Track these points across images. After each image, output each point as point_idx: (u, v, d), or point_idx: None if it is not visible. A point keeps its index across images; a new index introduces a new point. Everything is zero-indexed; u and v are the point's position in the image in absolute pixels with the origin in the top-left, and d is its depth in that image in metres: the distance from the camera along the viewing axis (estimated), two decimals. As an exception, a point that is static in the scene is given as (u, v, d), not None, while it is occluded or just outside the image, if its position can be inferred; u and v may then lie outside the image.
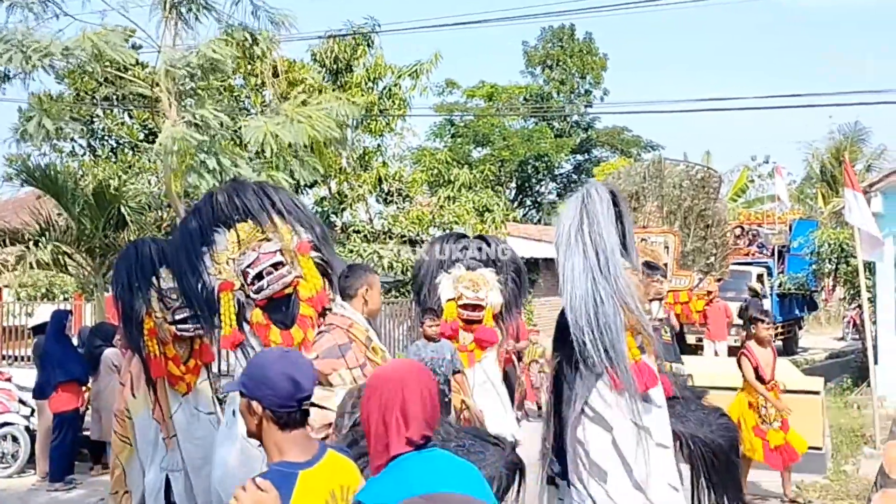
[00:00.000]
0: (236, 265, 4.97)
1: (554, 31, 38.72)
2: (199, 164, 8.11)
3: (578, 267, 3.75)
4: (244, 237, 5.02)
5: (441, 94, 33.78)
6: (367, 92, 14.08)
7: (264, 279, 4.89)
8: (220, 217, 5.07)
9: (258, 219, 5.07)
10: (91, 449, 9.64)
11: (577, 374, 3.89)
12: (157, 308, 5.88)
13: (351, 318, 4.55)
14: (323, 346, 4.43)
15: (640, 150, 37.97)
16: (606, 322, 3.70)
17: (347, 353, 4.40)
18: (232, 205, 5.08)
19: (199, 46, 8.06)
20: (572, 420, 3.89)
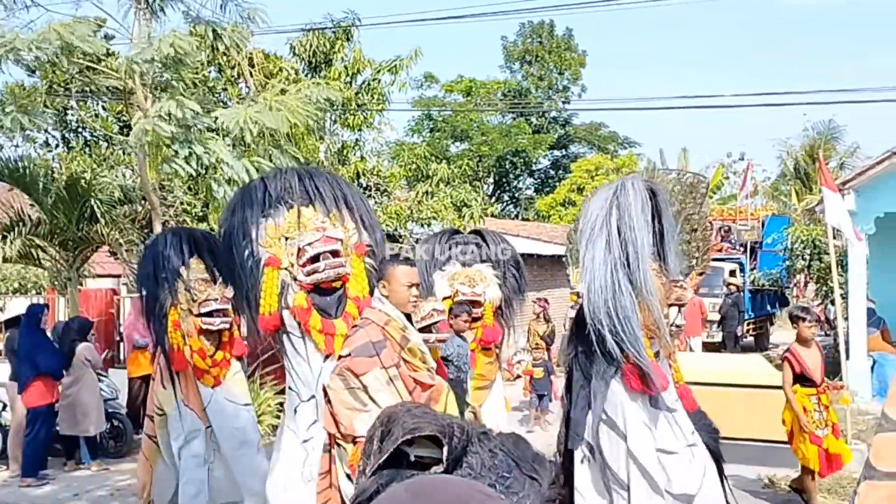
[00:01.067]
0: (291, 243, 4.72)
1: (533, 27, 38.77)
2: (173, 154, 8.01)
3: (599, 257, 3.61)
4: (304, 221, 4.79)
5: (420, 87, 33.76)
6: (345, 86, 14.01)
7: (321, 262, 4.66)
8: (286, 195, 4.84)
9: (326, 204, 4.85)
10: (64, 444, 9.58)
11: (592, 373, 3.73)
12: (183, 300, 5.65)
13: (389, 314, 4.32)
14: (356, 342, 4.21)
15: (617, 146, 38.17)
16: (625, 315, 3.55)
17: (382, 351, 4.18)
18: (302, 186, 4.87)
19: (160, 39, 7.95)
20: (591, 423, 3.72)
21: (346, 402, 4.09)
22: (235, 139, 8.50)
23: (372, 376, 4.09)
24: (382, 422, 2.76)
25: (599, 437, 3.70)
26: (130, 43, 8.86)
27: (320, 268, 4.68)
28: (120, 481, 8.89)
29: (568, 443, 3.81)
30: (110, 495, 8.36)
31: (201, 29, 8.91)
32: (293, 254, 4.72)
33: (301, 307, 4.67)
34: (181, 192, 12.07)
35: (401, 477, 1.95)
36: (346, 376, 4.11)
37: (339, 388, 4.11)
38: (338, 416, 4.09)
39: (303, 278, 4.69)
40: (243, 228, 4.73)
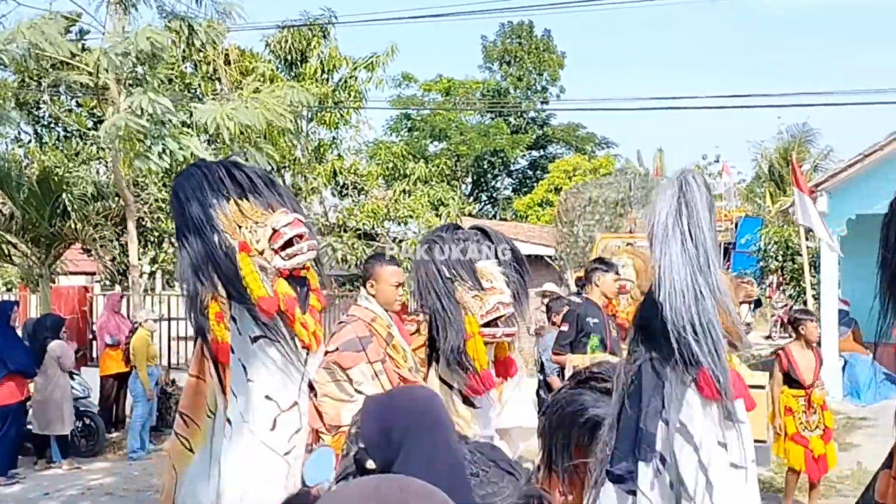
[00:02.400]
0: (249, 232, 4.31)
1: (513, 28, 38.86)
2: (146, 149, 7.94)
3: (678, 259, 3.45)
4: (247, 211, 4.40)
5: (398, 86, 33.71)
6: (321, 83, 13.98)
7: (303, 242, 4.22)
8: (218, 187, 4.38)
9: (265, 197, 4.44)
10: (35, 443, 9.47)
11: (665, 380, 3.54)
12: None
13: (374, 311, 4.43)
14: (343, 337, 4.29)
15: (595, 146, 38.34)
16: (709, 320, 3.39)
17: (368, 346, 4.27)
18: (231, 177, 4.43)
19: (136, 33, 7.88)
20: (664, 434, 3.52)
21: (332, 394, 4.17)
22: (212, 136, 8.45)
23: (358, 370, 4.17)
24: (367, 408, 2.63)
25: (674, 449, 3.50)
26: (103, 39, 8.78)
27: (303, 248, 4.23)
28: (91, 480, 8.81)
29: (639, 457, 3.59)
30: (81, 494, 8.27)
31: (176, 24, 8.84)
32: (260, 240, 4.31)
33: (289, 296, 4.23)
34: (156, 189, 11.98)
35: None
36: (333, 370, 4.19)
37: (325, 380, 4.18)
38: (322, 406, 4.13)
39: (281, 263, 4.22)
40: (206, 213, 4.28)
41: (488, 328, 5.00)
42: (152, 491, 8.35)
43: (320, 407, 4.16)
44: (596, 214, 8.89)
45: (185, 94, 12.11)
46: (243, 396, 4.38)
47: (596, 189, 9.18)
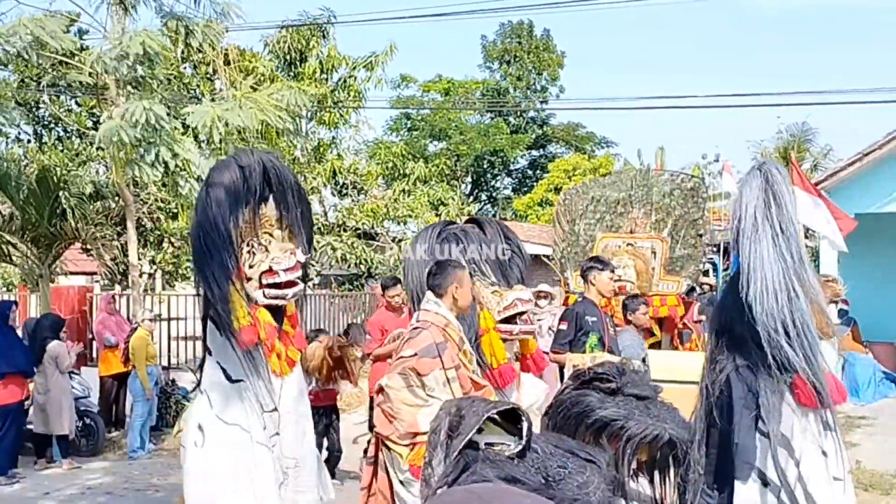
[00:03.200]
0: (257, 252, 4.28)
1: (513, 27, 38.85)
2: (139, 156, 7.93)
3: (770, 256, 3.17)
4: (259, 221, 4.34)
5: (397, 87, 33.72)
6: (320, 83, 13.98)
7: (288, 290, 4.31)
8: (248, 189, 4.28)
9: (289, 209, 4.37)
10: (35, 442, 9.48)
11: (759, 389, 3.23)
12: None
13: (447, 317, 4.36)
14: (421, 343, 4.19)
15: (595, 146, 38.33)
16: (804, 321, 3.13)
17: (444, 352, 4.18)
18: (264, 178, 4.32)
19: (130, 37, 7.87)
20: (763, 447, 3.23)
21: (407, 399, 4.10)
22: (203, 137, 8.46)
23: (433, 377, 4.11)
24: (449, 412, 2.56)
25: (777, 462, 3.19)
26: (103, 38, 8.79)
27: (286, 295, 4.29)
28: (91, 480, 8.81)
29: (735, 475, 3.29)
30: (81, 494, 8.28)
31: (174, 25, 8.84)
32: (254, 266, 4.27)
33: (271, 325, 4.28)
34: (155, 189, 11.99)
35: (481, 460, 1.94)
36: (409, 375, 4.13)
37: (400, 385, 4.12)
38: (398, 413, 4.05)
39: (260, 299, 4.26)
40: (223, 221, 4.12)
41: (506, 324, 4.97)
42: (152, 490, 8.36)
43: (396, 413, 4.06)
44: (597, 213, 8.83)
45: (185, 94, 12.12)
46: (227, 399, 4.26)
47: (598, 188, 9.13)
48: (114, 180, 10.59)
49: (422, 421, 3.88)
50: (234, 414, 4.26)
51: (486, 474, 1.86)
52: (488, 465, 1.88)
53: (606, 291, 6.74)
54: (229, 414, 4.26)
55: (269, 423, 4.31)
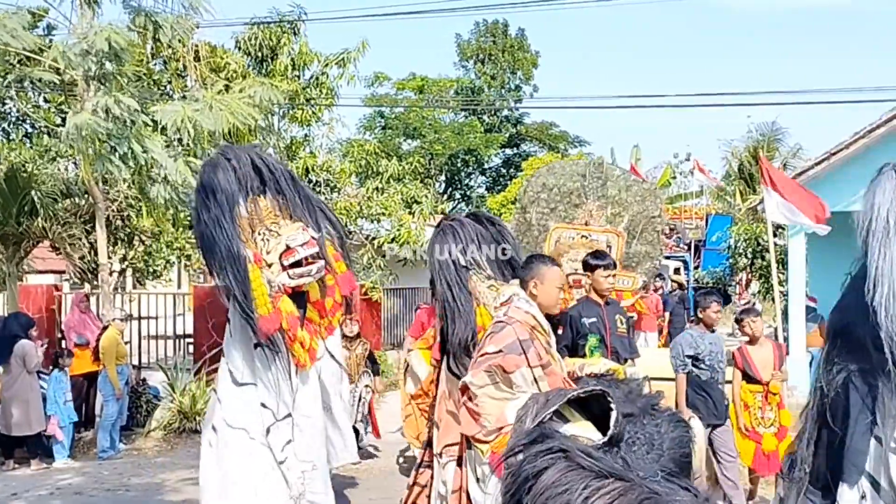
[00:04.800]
0: (264, 238, 4.22)
1: (487, 26, 38.97)
2: (109, 151, 7.84)
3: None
4: (263, 211, 4.30)
5: (371, 85, 33.65)
6: (292, 80, 13.91)
7: (313, 265, 4.21)
8: (244, 182, 4.29)
9: (287, 197, 4.32)
10: (2, 443, 9.35)
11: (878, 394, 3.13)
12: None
13: (535, 315, 4.22)
14: (505, 339, 4.05)
15: (568, 145, 38.55)
16: None
17: (529, 350, 4.04)
18: (256, 172, 4.33)
19: (95, 32, 7.77)
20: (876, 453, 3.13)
21: (494, 394, 3.99)
22: (172, 137, 8.38)
23: (519, 374, 3.97)
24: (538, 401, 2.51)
25: (890, 469, 3.09)
26: (69, 34, 8.68)
27: (311, 271, 4.22)
28: (61, 480, 8.71)
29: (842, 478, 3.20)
30: (50, 494, 8.17)
31: (141, 20, 8.74)
32: (270, 252, 4.22)
33: (293, 315, 4.21)
34: (125, 186, 11.85)
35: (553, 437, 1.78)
36: (494, 372, 4.00)
37: (485, 382, 3.98)
38: (484, 408, 3.94)
39: (287, 281, 4.20)
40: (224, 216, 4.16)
41: None
42: (123, 490, 8.28)
43: (481, 409, 3.94)
44: (551, 203, 8.73)
45: (155, 90, 12.00)
46: (233, 402, 4.22)
47: (551, 176, 9.01)
48: (83, 178, 10.46)
49: (510, 415, 3.73)
50: (240, 418, 4.19)
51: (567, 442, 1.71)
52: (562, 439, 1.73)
53: (604, 289, 6.31)
54: (236, 418, 4.20)
55: (283, 430, 4.18)
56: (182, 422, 10.82)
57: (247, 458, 4.21)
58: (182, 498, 7.94)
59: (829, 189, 12.84)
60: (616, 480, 1.54)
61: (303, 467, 4.19)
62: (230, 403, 4.25)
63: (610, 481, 1.53)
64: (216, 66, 12.54)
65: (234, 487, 4.19)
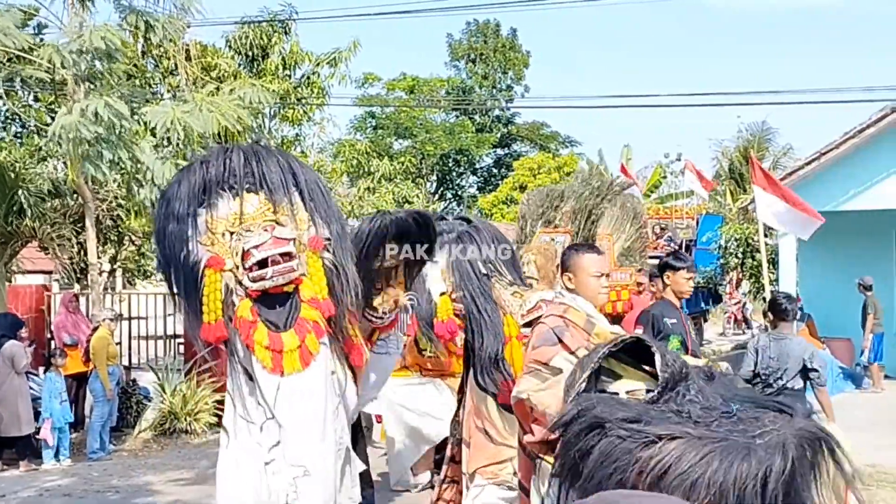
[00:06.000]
0: (235, 240, 4.05)
1: (479, 26, 39.00)
2: (96, 154, 7.78)
3: None
4: (251, 211, 4.10)
5: (361, 86, 33.65)
6: (283, 80, 13.89)
7: (269, 268, 3.97)
8: (230, 178, 4.09)
9: (275, 194, 4.11)
10: (-9, 444, 9.31)
11: None
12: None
13: (567, 302, 4.00)
14: (539, 336, 3.90)
15: (559, 145, 38.63)
16: None
17: (564, 335, 3.81)
18: (248, 168, 4.12)
19: (90, 31, 7.73)
20: None
21: (541, 385, 3.77)
22: (162, 139, 8.33)
23: (559, 359, 3.75)
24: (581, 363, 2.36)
25: None
26: (60, 33, 8.64)
27: (267, 274, 3.98)
28: (49, 482, 8.67)
29: None
30: (39, 496, 8.13)
31: (133, 20, 8.71)
32: (238, 254, 4.04)
33: (245, 319, 4.00)
34: (115, 186, 11.81)
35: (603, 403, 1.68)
36: (535, 369, 3.82)
37: (533, 384, 3.77)
38: (542, 403, 3.66)
39: (248, 284, 4.01)
40: (178, 221, 4.03)
41: (529, 328, 4.50)
42: (112, 492, 8.24)
43: (540, 405, 3.66)
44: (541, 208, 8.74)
45: (146, 90, 11.95)
46: (244, 398, 4.10)
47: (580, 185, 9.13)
48: (72, 178, 10.41)
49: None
50: (255, 414, 4.09)
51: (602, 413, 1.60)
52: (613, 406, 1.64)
53: (683, 291, 6.06)
54: (252, 413, 4.08)
55: (272, 431, 4.00)
56: (172, 422, 10.78)
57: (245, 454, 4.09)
58: (171, 499, 7.91)
59: (819, 189, 12.89)
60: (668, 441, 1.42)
61: (293, 472, 3.95)
62: (246, 399, 4.10)
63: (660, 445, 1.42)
64: (207, 66, 12.51)
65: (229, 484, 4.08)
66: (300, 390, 4.01)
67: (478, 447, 4.35)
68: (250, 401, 4.07)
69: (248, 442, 4.08)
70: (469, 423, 4.48)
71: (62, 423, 9.54)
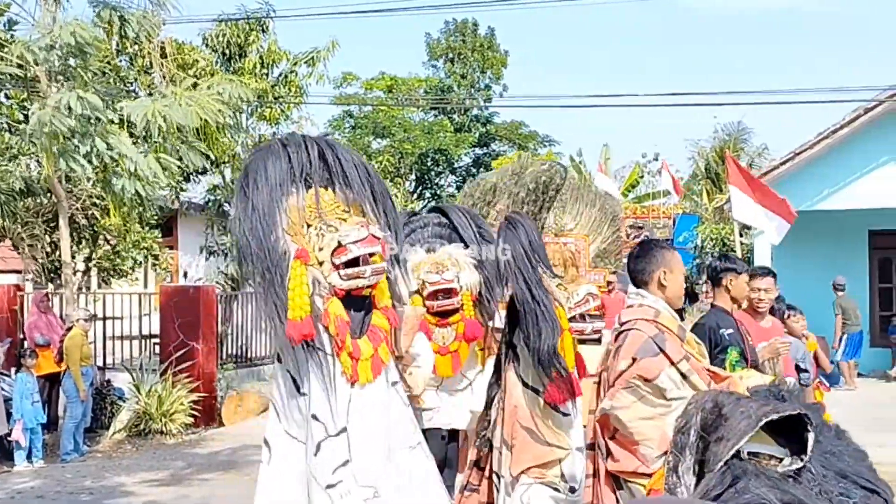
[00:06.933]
0: (318, 234, 3.78)
1: (457, 25, 39.00)
2: (72, 148, 7.70)
3: None
4: (325, 207, 3.84)
5: (339, 86, 33.54)
6: (260, 78, 13.81)
7: (366, 266, 3.69)
8: (307, 170, 3.85)
9: (353, 193, 3.87)
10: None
11: None
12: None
13: (653, 306, 3.75)
14: (636, 344, 3.59)
15: (537, 144, 38.72)
16: None
17: (665, 344, 3.56)
18: (323, 163, 3.89)
19: (60, 27, 7.64)
20: None
21: (644, 413, 3.52)
22: (140, 133, 8.24)
23: (665, 376, 3.50)
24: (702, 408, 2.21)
25: None
26: (32, 28, 8.53)
27: (365, 272, 3.69)
28: (21, 483, 8.57)
29: None
30: (11, 498, 8.03)
31: (107, 15, 8.61)
32: (323, 248, 3.78)
33: (341, 319, 3.69)
34: (89, 184, 11.67)
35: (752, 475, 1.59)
36: (636, 386, 3.54)
37: (629, 402, 3.52)
38: (640, 434, 3.47)
39: (338, 282, 3.72)
40: (268, 205, 3.74)
41: (576, 323, 4.36)
42: (85, 494, 8.16)
43: (637, 435, 3.47)
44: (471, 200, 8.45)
45: (120, 87, 11.83)
46: (291, 413, 3.77)
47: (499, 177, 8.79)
48: (45, 175, 10.29)
49: (670, 432, 3.26)
50: (302, 431, 3.72)
51: (763, 494, 1.52)
52: (763, 482, 1.58)
53: (743, 299, 5.66)
54: (298, 430, 3.72)
55: (337, 448, 3.62)
56: (147, 423, 10.69)
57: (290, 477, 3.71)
58: (145, 500, 7.85)
59: (794, 189, 13.01)
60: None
61: (364, 494, 3.58)
62: (292, 414, 3.75)
63: None
64: (183, 63, 12.40)
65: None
66: (371, 402, 3.73)
67: (524, 448, 4.05)
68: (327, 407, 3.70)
69: (294, 459, 3.74)
70: (511, 423, 4.14)
71: (34, 424, 9.43)
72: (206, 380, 11.62)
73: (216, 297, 12.49)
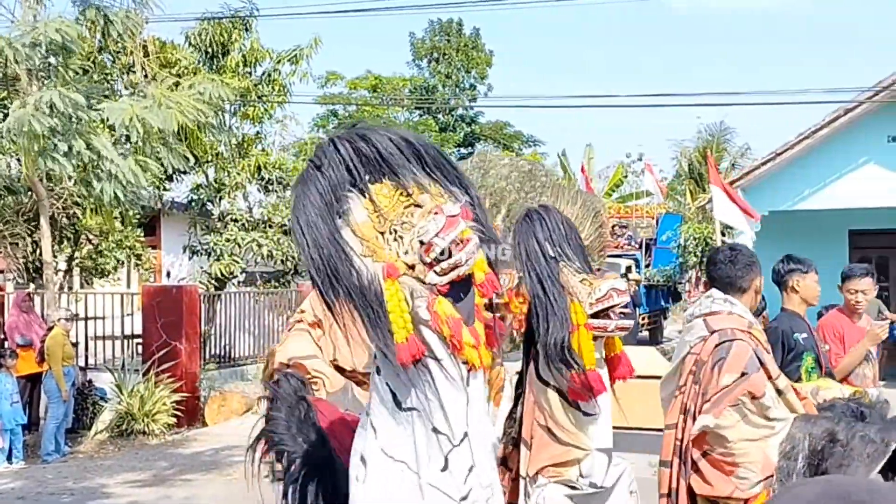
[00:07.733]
0: (394, 240, 3.29)
1: (442, 25, 39.03)
2: (52, 147, 7.65)
3: None
4: (387, 204, 3.32)
5: (324, 85, 33.48)
6: (243, 77, 13.78)
7: (460, 253, 3.20)
8: (348, 177, 3.30)
9: (401, 177, 3.32)
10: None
11: None
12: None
13: (744, 315, 3.65)
14: (743, 358, 3.43)
15: (522, 144, 38.82)
16: None
17: (764, 357, 3.46)
18: (360, 157, 3.31)
19: (45, 23, 7.59)
20: None
21: (750, 435, 3.35)
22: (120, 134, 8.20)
23: (768, 395, 3.38)
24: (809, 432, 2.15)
25: None
26: (12, 25, 8.47)
27: (462, 259, 3.26)
28: (1, 484, 8.50)
29: None
30: (-9, 500, 7.98)
31: (91, 13, 8.57)
32: (408, 250, 3.32)
33: (454, 318, 3.30)
34: (71, 183, 11.60)
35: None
36: (742, 404, 3.38)
37: (735, 420, 3.36)
38: (743, 457, 3.32)
39: (437, 280, 3.29)
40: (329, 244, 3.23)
41: (598, 319, 4.17)
42: (67, 494, 8.11)
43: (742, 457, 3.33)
44: None
45: (103, 85, 11.77)
46: (394, 429, 3.37)
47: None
48: (26, 174, 10.22)
49: (774, 455, 3.18)
50: (402, 450, 3.38)
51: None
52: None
53: (813, 299, 5.37)
54: (396, 449, 3.39)
55: (463, 456, 3.35)
56: (129, 424, 10.63)
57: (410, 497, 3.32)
58: (127, 501, 7.81)
59: (774, 188, 13.13)
60: None
61: (485, 494, 3.36)
62: (391, 431, 3.41)
63: None
64: (166, 62, 12.35)
65: None
66: (478, 396, 3.45)
67: (541, 446, 3.96)
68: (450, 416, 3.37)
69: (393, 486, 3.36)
70: (529, 421, 4.05)
71: (13, 425, 9.36)
72: (189, 380, 11.57)
73: (199, 296, 12.44)
